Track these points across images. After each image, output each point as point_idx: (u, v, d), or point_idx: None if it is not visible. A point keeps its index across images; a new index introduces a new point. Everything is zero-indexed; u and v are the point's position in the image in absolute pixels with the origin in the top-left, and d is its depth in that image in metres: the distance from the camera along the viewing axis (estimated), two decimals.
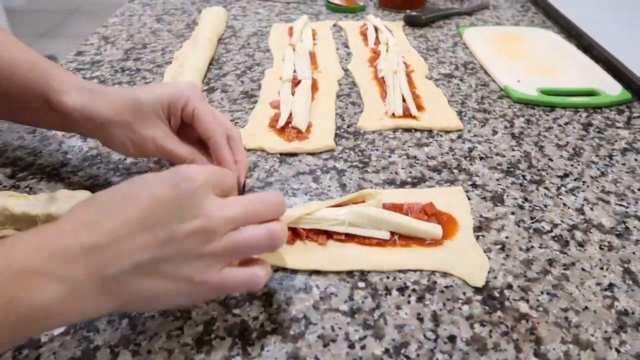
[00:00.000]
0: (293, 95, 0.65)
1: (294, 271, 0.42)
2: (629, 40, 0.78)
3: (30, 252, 0.28)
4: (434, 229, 0.44)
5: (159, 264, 0.31)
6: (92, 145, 0.57)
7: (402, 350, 0.35)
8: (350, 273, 0.41)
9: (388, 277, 0.41)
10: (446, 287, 0.40)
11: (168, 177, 0.32)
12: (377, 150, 0.57)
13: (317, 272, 0.41)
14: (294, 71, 0.71)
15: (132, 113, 0.44)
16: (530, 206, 0.49)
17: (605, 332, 0.37)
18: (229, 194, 0.35)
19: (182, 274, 0.31)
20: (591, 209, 0.49)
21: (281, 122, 0.60)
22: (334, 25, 0.93)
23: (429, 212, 0.47)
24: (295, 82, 0.68)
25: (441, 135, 0.60)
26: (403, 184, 0.52)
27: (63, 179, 0.52)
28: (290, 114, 0.61)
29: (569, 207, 0.49)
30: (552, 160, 0.56)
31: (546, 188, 0.52)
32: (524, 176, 0.53)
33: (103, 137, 0.46)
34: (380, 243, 0.44)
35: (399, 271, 0.42)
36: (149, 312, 0.37)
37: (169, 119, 0.46)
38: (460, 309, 0.39)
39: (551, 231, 0.46)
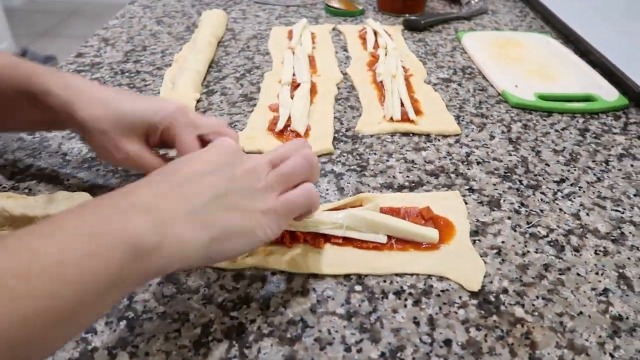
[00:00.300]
0: (292, 98, 0.65)
1: (291, 274, 0.42)
2: (626, 46, 0.78)
3: (118, 198, 0.32)
4: (431, 233, 0.44)
5: (230, 197, 0.35)
6: None
7: (398, 354, 0.36)
8: (347, 276, 0.42)
9: (385, 281, 0.41)
10: (442, 291, 0.41)
11: (212, 145, 0.40)
12: (375, 154, 0.58)
13: (315, 276, 0.42)
14: (293, 74, 0.71)
15: (111, 123, 0.44)
16: (526, 211, 0.49)
17: (600, 337, 0.37)
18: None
19: (250, 206, 0.36)
20: (587, 214, 0.49)
21: (280, 125, 0.60)
22: (333, 29, 0.93)
23: (425, 216, 0.47)
24: (295, 86, 0.69)
25: (439, 140, 0.61)
26: (400, 188, 0.52)
27: (62, 181, 0.52)
28: (289, 117, 0.61)
29: (565, 212, 0.49)
30: (548, 166, 0.56)
31: (542, 193, 0.52)
32: (520, 181, 0.54)
33: (85, 137, 0.47)
34: (377, 247, 0.44)
35: (396, 275, 0.42)
36: (237, 255, 0.40)
37: (148, 137, 0.46)
38: (456, 313, 0.39)
39: (547, 236, 0.46)
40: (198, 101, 0.67)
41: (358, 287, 0.41)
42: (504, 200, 0.51)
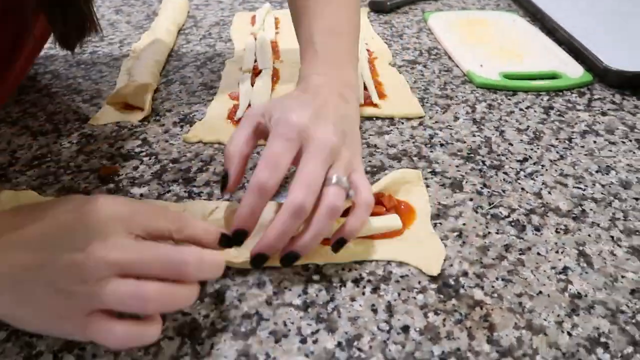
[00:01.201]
0: (253, 85, 0.63)
1: None
2: (590, 23, 0.78)
3: None
4: (394, 223, 0.43)
5: (29, 287, 0.30)
6: (42, 143, 0.55)
7: (355, 343, 0.35)
8: (304, 266, 0.41)
9: (343, 269, 0.41)
10: (402, 276, 0.40)
11: (81, 202, 0.32)
12: None
13: (272, 267, 0.40)
14: (255, 61, 0.70)
15: None
16: (488, 192, 0.49)
17: (558, 315, 0.37)
18: (162, 236, 0.32)
19: (46, 304, 0.30)
20: (549, 192, 0.49)
21: (239, 114, 0.58)
22: None
23: (387, 205, 0.46)
24: (256, 72, 0.67)
25: (402, 123, 0.60)
26: None
27: (10, 179, 0.50)
28: (249, 105, 0.59)
29: (527, 192, 0.49)
30: (512, 145, 0.56)
31: (505, 173, 0.51)
32: (483, 162, 0.53)
33: None
34: None
35: (355, 262, 0.41)
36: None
37: None
38: (414, 298, 0.38)
39: (508, 216, 0.46)
40: (156, 91, 0.65)
41: (316, 277, 0.40)
42: (466, 182, 0.50)
